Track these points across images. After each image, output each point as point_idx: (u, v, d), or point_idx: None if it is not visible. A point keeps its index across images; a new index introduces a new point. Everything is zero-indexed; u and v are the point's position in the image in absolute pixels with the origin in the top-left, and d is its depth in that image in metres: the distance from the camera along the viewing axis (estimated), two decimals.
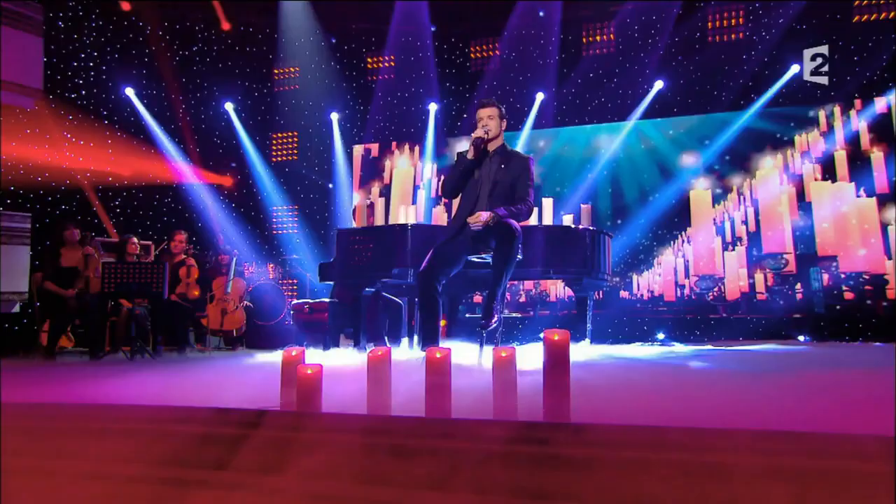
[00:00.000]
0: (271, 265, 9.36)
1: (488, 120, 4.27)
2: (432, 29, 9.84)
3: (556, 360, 2.19)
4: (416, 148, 10.25)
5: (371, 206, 5.60)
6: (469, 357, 4.21)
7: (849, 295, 8.50)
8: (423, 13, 9.65)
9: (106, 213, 9.69)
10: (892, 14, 8.50)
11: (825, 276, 8.64)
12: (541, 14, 9.57)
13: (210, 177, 10.33)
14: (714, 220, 9.21)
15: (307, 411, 2.38)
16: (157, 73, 9.98)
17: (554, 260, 4.74)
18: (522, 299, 9.62)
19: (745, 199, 9.13)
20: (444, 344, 4.29)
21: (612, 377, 3.23)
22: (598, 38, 9.65)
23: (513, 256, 4.03)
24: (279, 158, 10.63)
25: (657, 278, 9.22)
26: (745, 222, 9.11)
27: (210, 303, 7.21)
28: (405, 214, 5.07)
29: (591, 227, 5.02)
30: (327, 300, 6.12)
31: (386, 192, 10.02)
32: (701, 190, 9.33)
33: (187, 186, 10.11)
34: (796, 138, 8.84)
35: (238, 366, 4.62)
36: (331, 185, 10.32)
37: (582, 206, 5.16)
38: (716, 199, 9.23)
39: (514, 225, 4.05)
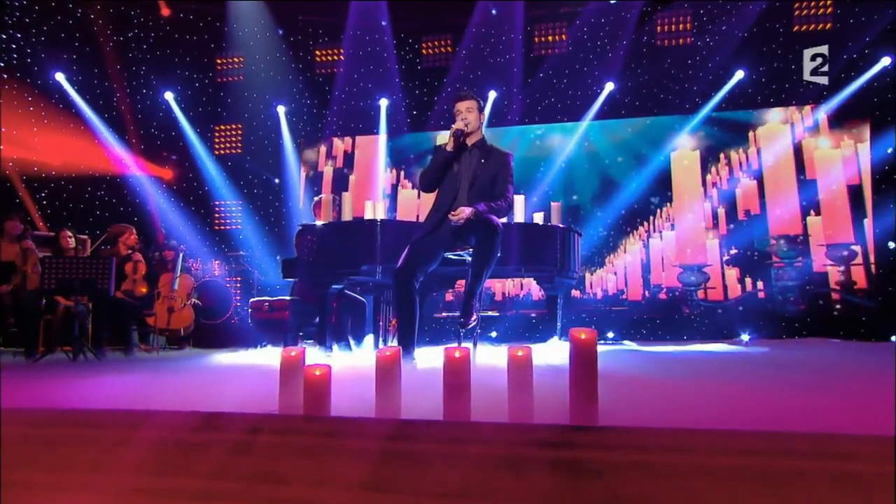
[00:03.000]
0: (216, 261, 9.01)
1: (467, 113, 4.18)
2: (383, 23, 9.68)
3: (584, 361, 2.12)
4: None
5: (335, 200, 5.41)
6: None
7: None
8: (375, 8, 9.48)
9: (34, 205, 9.14)
10: (828, 25, 8.86)
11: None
12: (493, 13, 9.55)
13: (147, 168, 9.87)
14: (705, 189, 8.98)
15: (316, 415, 2.23)
16: (90, 59, 9.47)
17: (528, 258, 4.69)
18: None
19: (734, 172, 9.01)
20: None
21: (610, 377, 3.18)
22: (549, 38, 9.70)
23: (493, 253, 3.96)
24: (222, 151, 10.24)
25: (611, 277, 9.25)
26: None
27: (156, 300, 6.85)
28: (373, 209, 4.92)
29: (560, 225, 5.00)
30: (288, 298, 5.90)
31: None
32: (687, 150, 9.16)
33: (123, 177, 9.64)
34: (750, 136, 9.05)
35: (204, 366, 4.39)
36: (277, 181, 10.03)
37: (552, 203, 5.12)
38: (705, 167, 9.03)
39: (496, 221, 3.98)
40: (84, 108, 9.41)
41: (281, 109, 10.02)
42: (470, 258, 4.11)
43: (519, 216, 4.91)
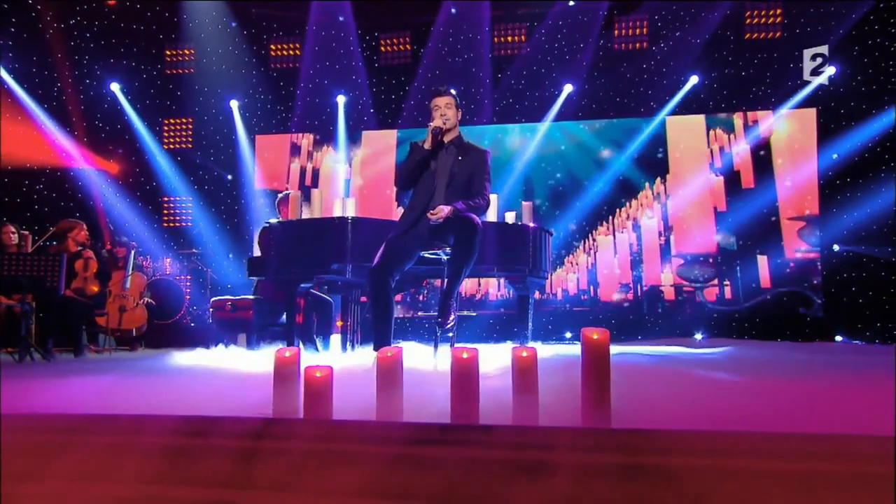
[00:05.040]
0: (167, 259, 8.69)
1: (445, 109, 4.12)
2: (340, 19, 9.51)
3: (597, 362, 2.08)
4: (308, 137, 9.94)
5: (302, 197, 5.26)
6: (417, 358, 4.04)
7: None
8: (334, 4, 9.30)
9: None
10: (778, 34, 9.13)
11: None
12: (452, 11, 9.49)
13: (92, 161, 9.45)
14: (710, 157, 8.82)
15: (318, 419, 2.12)
16: (30, 46, 9.01)
17: (503, 258, 4.66)
18: (422, 297, 9.48)
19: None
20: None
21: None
22: (508, 38, 9.70)
23: (473, 253, 3.90)
24: (171, 146, 9.88)
25: (572, 276, 9.25)
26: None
27: (107, 299, 6.55)
28: (342, 207, 4.81)
29: (531, 224, 4.98)
30: (251, 297, 5.72)
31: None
32: (686, 116, 9.03)
33: (65, 171, 9.21)
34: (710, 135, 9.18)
35: (175, 368, 4.19)
36: (230, 177, 9.74)
37: (523, 203, 5.10)
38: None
39: (475, 219, 3.93)
40: (23, 97, 8.96)
41: (234, 104, 9.75)
42: (446, 257, 4.05)
43: (491, 216, 4.87)
